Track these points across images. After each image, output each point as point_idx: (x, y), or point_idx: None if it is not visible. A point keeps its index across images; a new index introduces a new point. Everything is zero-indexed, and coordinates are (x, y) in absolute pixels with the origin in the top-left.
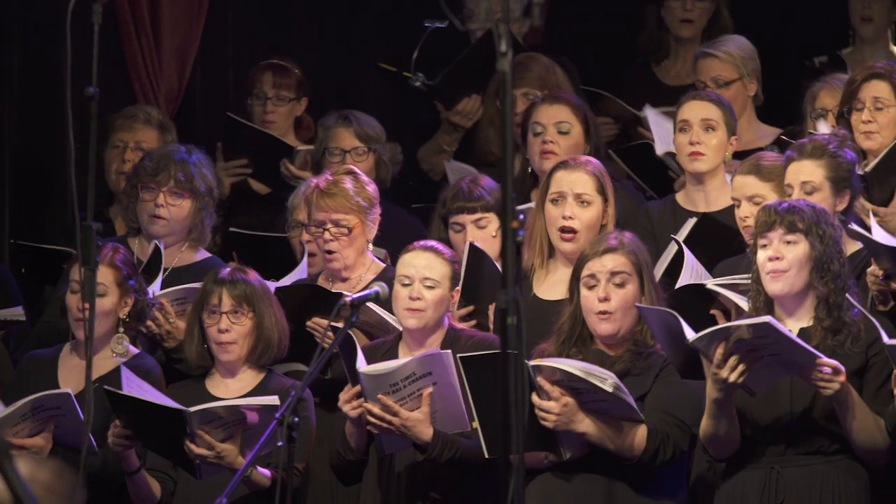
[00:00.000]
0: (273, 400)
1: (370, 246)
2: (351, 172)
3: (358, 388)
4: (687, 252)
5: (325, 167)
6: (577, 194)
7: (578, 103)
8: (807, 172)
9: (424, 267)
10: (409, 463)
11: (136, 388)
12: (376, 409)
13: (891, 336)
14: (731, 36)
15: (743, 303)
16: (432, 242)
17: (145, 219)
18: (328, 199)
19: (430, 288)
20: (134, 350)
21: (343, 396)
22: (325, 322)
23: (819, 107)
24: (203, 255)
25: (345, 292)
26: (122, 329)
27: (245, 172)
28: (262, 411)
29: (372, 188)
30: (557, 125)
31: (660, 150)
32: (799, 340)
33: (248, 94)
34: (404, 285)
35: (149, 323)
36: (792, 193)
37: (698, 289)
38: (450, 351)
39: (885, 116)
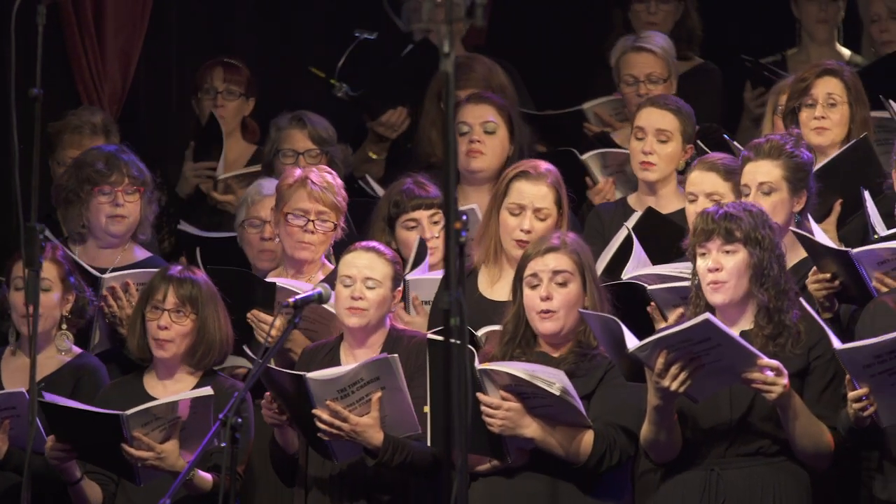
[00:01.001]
0: (206, 391)
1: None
2: (331, 173)
3: (269, 396)
4: (636, 242)
5: (277, 169)
6: (536, 209)
7: (504, 103)
8: (764, 173)
9: (366, 267)
10: (352, 462)
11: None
12: (326, 416)
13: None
14: (653, 32)
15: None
16: (374, 243)
17: (104, 220)
18: (319, 192)
19: (372, 288)
20: (77, 349)
21: (263, 402)
22: (266, 317)
23: (783, 104)
24: (144, 254)
25: (277, 281)
26: (65, 326)
27: (211, 175)
28: (196, 404)
29: (345, 193)
30: (483, 125)
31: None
32: (740, 339)
33: (198, 89)
34: (346, 285)
35: (111, 303)
36: (749, 194)
37: (637, 288)
38: (397, 355)
39: (837, 113)
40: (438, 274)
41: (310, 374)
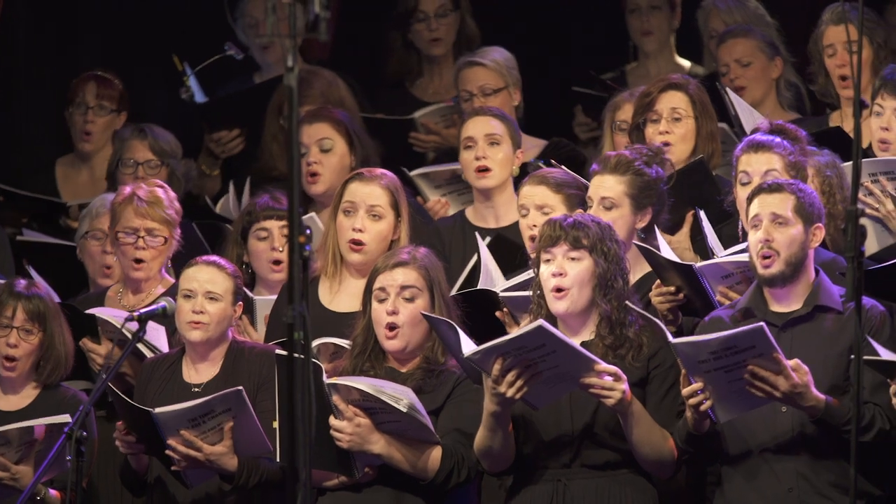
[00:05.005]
0: (63, 418)
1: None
2: (162, 186)
3: (121, 426)
4: (484, 258)
5: (119, 178)
6: (369, 206)
7: (340, 118)
8: (607, 188)
9: (207, 281)
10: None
11: None
12: (181, 447)
13: None
14: (492, 47)
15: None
16: (215, 257)
17: None
18: (146, 208)
19: (213, 301)
20: None
21: (116, 434)
22: (100, 349)
23: (620, 119)
24: None
25: (96, 312)
26: None
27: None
28: (52, 429)
29: (178, 205)
30: (320, 143)
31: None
32: (575, 345)
33: (70, 103)
34: (187, 298)
35: None
36: (591, 206)
37: (489, 295)
38: (241, 388)
39: (682, 127)
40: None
41: (157, 409)
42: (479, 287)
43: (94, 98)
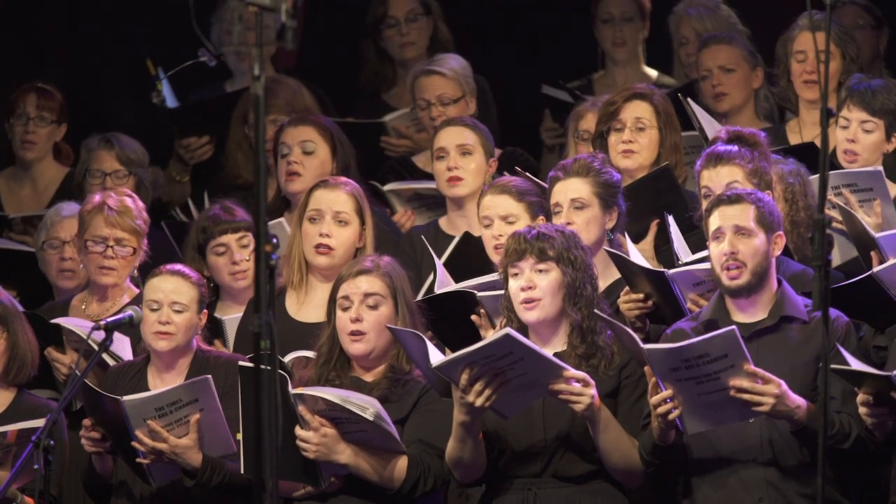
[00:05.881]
0: (38, 422)
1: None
2: (131, 196)
3: (88, 423)
4: (439, 266)
5: (87, 189)
6: (335, 213)
7: (325, 123)
8: (574, 189)
9: (173, 291)
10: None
11: None
12: (146, 439)
13: None
14: (447, 55)
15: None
16: (179, 266)
17: None
18: (115, 217)
19: (179, 311)
20: None
21: (82, 432)
22: (64, 358)
23: (583, 129)
24: None
25: (61, 322)
26: None
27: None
28: (21, 435)
29: (146, 215)
30: (302, 145)
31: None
32: (542, 351)
33: (11, 114)
34: (153, 310)
35: None
36: (560, 213)
37: (465, 297)
38: (209, 377)
39: (646, 137)
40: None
41: (125, 397)
42: (433, 288)
43: (34, 109)
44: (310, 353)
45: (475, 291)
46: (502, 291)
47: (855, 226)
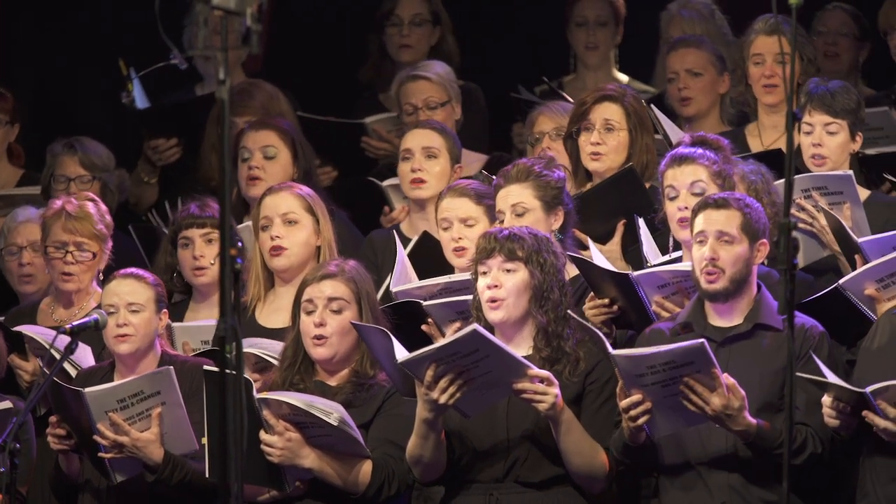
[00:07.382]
0: (5, 405)
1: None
2: (93, 200)
3: (54, 420)
4: (401, 255)
5: (52, 194)
6: (282, 214)
7: (286, 128)
8: (515, 195)
9: (128, 293)
10: (128, 480)
11: None
12: (108, 432)
13: None
14: (432, 61)
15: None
16: (133, 269)
17: None
18: (74, 223)
19: (136, 312)
20: None
21: (49, 430)
22: (27, 365)
23: (537, 131)
24: None
25: (23, 329)
26: None
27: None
28: None
29: (109, 219)
30: (263, 150)
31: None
32: (508, 349)
33: None
34: (110, 314)
35: None
36: (504, 219)
37: (414, 307)
38: (171, 367)
39: (615, 139)
40: (208, 322)
41: (87, 389)
42: (391, 285)
43: None
44: (257, 351)
45: (421, 301)
46: (449, 300)
47: (841, 230)
